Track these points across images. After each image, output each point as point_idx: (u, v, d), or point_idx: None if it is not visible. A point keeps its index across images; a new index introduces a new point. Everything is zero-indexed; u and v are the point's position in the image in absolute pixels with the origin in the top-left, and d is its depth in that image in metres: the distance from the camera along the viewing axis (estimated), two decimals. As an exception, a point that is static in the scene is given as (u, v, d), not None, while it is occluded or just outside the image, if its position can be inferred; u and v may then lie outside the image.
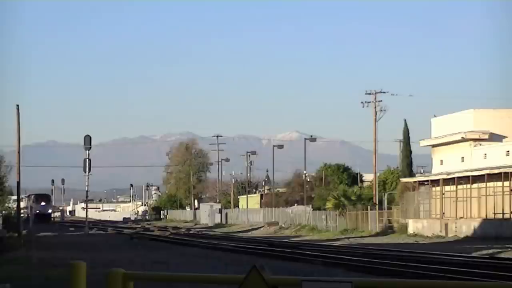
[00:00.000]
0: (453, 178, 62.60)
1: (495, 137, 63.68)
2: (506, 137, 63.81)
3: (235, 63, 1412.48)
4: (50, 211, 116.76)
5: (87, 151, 71.62)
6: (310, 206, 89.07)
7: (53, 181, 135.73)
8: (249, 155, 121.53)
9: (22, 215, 71.20)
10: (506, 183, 56.41)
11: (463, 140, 64.93)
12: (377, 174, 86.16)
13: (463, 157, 65.61)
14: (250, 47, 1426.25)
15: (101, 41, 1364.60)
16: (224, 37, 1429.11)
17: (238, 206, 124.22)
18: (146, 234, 68.74)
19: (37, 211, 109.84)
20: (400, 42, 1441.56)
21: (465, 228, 59.41)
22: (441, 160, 69.52)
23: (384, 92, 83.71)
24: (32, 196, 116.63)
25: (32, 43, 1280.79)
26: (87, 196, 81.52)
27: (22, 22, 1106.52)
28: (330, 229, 76.05)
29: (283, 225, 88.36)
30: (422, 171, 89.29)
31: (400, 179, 79.41)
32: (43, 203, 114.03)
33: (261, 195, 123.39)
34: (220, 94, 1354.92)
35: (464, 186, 61.78)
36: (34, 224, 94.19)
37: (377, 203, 77.61)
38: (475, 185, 60.28)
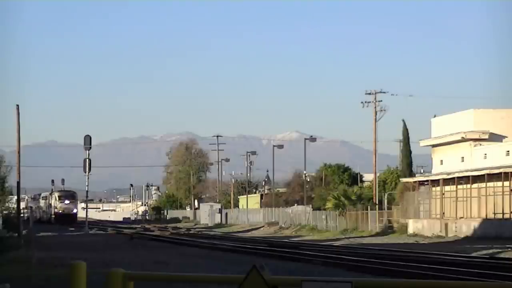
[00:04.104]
0: (453, 178, 62.61)
1: (495, 137, 63.71)
2: (506, 137, 63.84)
3: (235, 63, 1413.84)
4: (75, 210, 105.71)
5: (87, 151, 71.66)
6: (310, 206, 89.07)
7: (53, 181, 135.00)
8: (249, 155, 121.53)
9: (21, 215, 70.93)
10: (506, 183, 56.41)
11: (463, 140, 64.95)
12: (377, 174, 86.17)
13: (463, 157, 65.63)
14: (250, 47, 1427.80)
15: (101, 41, 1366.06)
16: (224, 37, 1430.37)
17: (238, 206, 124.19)
18: (146, 234, 68.73)
19: (61, 211, 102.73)
20: (400, 42, 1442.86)
21: (465, 228, 59.41)
22: (441, 160, 69.54)
23: (384, 92, 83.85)
24: (55, 193, 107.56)
25: (32, 43, 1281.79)
26: (87, 196, 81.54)
27: (22, 22, 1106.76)
28: (330, 229, 76.06)
29: (283, 225, 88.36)
30: (422, 171, 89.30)
31: (400, 179, 79.44)
32: (67, 202, 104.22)
33: (261, 195, 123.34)
34: (220, 94, 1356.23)
35: (464, 186, 61.79)
36: (57, 225, 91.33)
37: (377, 203, 77.62)
38: (475, 185, 60.29)
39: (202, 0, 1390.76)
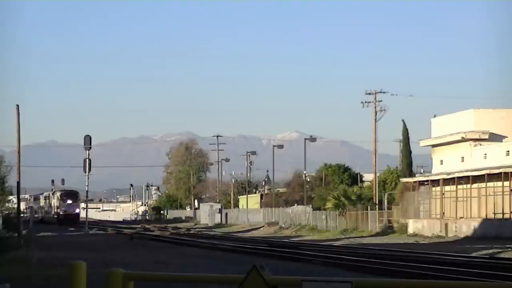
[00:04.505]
0: (453, 178, 62.61)
1: (495, 137, 63.71)
2: (506, 137, 63.84)
3: (235, 63, 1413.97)
4: (78, 210, 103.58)
5: (87, 151, 71.64)
6: (310, 206, 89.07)
7: (53, 181, 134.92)
8: (249, 155, 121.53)
9: (21, 215, 70.87)
10: (506, 183, 56.41)
11: (463, 140, 64.95)
12: (377, 174, 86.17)
13: (463, 157, 65.64)
14: (250, 47, 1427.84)
15: (101, 41, 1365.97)
16: (224, 37, 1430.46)
17: (238, 206, 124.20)
18: (146, 234, 68.74)
19: (64, 211, 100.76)
20: (400, 42, 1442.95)
21: (465, 228, 59.41)
22: (441, 160, 69.54)
23: (384, 92, 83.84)
24: (58, 193, 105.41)
25: (32, 43, 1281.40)
26: (87, 196, 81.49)
27: (22, 22, 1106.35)
28: (330, 229, 76.06)
29: (283, 225, 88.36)
30: (422, 171, 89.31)
31: (400, 179, 79.44)
32: (69, 201, 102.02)
33: (261, 195, 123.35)
34: (220, 94, 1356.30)
35: (464, 186, 61.79)
36: (60, 225, 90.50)
37: (377, 203, 77.62)
38: (475, 185, 60.29)
39: (202, 0, 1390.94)
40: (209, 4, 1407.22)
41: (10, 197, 78.24)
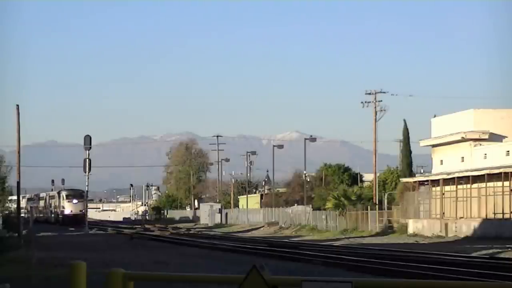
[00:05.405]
0: (453, 178, 62.61)
1: (495, 137, 63.72)
2: (506, 137, 63.85)
3: (235, 63, 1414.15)
4: (83, 210, 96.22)
5: (87, 151, 71.70)
6: (310, 206, 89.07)
7: (53, 181, 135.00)
8: (249, 155, 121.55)
9: (21, 215, 70.81)
10: (506, 183, 56.41)
11: (463, 140, 64.96)
12: (377, 174, 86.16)
13: (463, 157, 65.64)
14: (250, 47, 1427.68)
15: (102, 41, 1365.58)
16: (224, 37, 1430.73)
17: (238, 206, 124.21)
18: (146, 234, 68.74)
19: (70, 211, 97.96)
20: (401, 42, 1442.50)
21: (465, 228, 59.41)
22: (441, 160, 69.55)
23: (384, 92, 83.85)
24: (64, 192, 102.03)
25: (32, 42, 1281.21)
26: (87, 196, 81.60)
27: (22, 22, 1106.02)
28: (330, 229, 76.06)
29: (283, 225, 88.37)
30: (422, 171, 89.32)
31: (400, 179, 79.45)
32: (75, 201, 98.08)
33: (261, 195, 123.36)
34: (220, 94, 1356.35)
35: (464, 186, 61.80)
36: (64, 226, 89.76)
37: (377, 203, 77.62)
38: (475, 185, 60.29)
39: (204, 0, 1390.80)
40: (210, 2, 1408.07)
41: (11, 197, 78.29)
